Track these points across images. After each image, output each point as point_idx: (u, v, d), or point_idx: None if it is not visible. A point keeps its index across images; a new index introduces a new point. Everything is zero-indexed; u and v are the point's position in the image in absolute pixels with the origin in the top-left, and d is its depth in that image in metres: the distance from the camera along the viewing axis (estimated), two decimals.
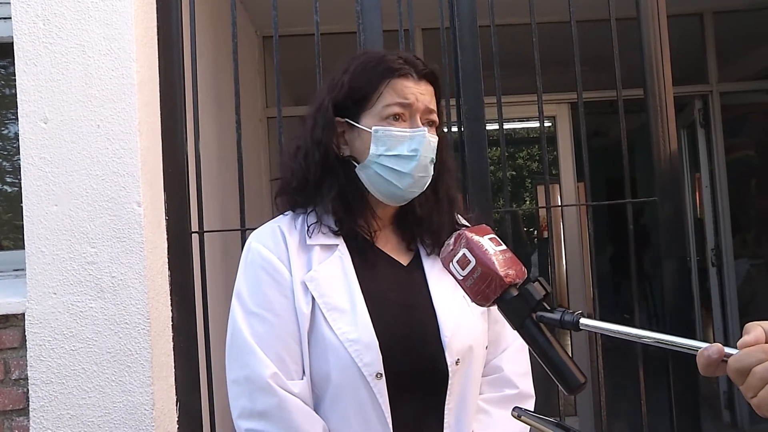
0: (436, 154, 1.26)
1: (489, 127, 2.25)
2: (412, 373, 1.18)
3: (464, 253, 0.91)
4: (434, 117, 1.27)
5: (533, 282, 0.88)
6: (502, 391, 1.30)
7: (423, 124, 1.24)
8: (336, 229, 1.24)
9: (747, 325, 0.71)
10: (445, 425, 1.20)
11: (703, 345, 0.71)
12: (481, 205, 2.16)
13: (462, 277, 0.91)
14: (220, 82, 3.16)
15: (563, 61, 2.51)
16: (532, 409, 1.34)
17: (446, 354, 1.19)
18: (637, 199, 2.36)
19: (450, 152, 1.39)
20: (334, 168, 1.25)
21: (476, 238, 0.92)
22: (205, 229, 2.14)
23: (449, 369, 1.19)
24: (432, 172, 1.26)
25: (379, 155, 1.22)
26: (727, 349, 0.70)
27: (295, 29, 3.47)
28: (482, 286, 0.89)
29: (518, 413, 0.91)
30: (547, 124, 4.56)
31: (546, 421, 0.88)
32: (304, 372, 1.17)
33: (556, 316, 0.85)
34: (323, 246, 1.23)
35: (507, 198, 2.34)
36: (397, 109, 1.22)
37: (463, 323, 1.24)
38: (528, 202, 8.56)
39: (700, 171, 4.60)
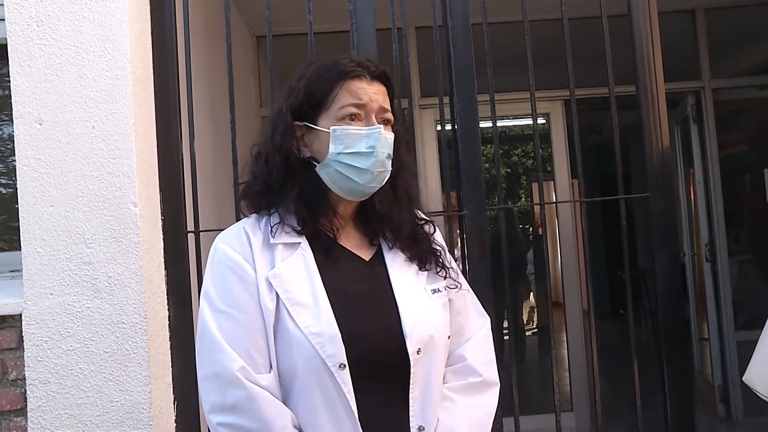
0: (394, 152, 1.32)
1: (483, 124, 2.26)
2: (375, 363, 1.23)
3: None
4: (389, 116, 1.32)
5: None
6: (467, 379, 1.35)
7: (378, 122, 1.29)
8: (299, 228, 1.29)
9: None
10: (410, 413, 1.24)
11: None
12: (476, 203, 2.17)
13: None
14: (215, 82, 3.16)
15: (556, 58, 2.52)
16: (496, 398, 1.35)
17: (407, 344, 1.24)
18: (630, 195, 2.37)
19: (407, 150, 1.44)
20: (295, 170, 1.31)
21: None
22: (200, 229, 2.15)
23: (411, 358, 1.23)
24: (390, 167, 1.31)
25: (339, 153, 1.27)
26: None
27: (289, 29, 3.48)
28: None
29: None
30: (540, 121, 4.57)
31: None
32: (271, 366, 1.22)
33: None
34: (286, 244, 1.28)
35: (501, 195, 2.35)
36: (352, 110, 1.27)
37: (424, 314, 1.28)
38: (523, 199, 8.57)
39: (694, 167, 4.62)
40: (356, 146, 1.26)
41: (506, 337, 5.77)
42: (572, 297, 4.48)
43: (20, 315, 1.95)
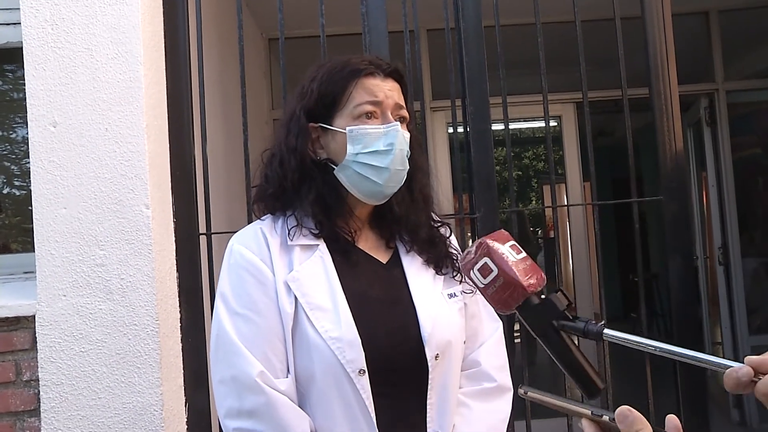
0: (409, 151, 1.30)
1: (495, 127, 2.26)
2: (394, 369, 1.21)
3: (486, 262, 0.90)
4: (404, 113, 1.30)
5: (556, 292, 0.88)
6: (481, 385, 1.33)
7: (394, 119, 1.27)
8: (316, 231, 1.27)
9: None
10: (428, 419, 1.23)
11: (733, 364, 0.69)
12: (488, 205, 2.17)
13: (483, 285, 0.90)
14: (227, 85, 3.17)
15: (568, 60, 2.51)
16: (510, 404, 1.35)
17: (426, 349, 1.22)
18: (643, 198, 2.36)
19: (421, 151, 1.42)
20: (311, 172, 1.28)
21: (497, 246, 0.91)
22: (212, 231, 2.15)
23: (429, 363, 1.22)
24: (407, 166, 1.29)
25: (357, 154, 1.25)
26: None
27: (301, 31, 3.49)
28: (504, 295, 0.88)
29: (525, 390, 0.89)
30: (552, 123, 4.56)
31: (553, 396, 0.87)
32: (288, 370, 1.20)
33: (580, 325, 0.84)
34: (304, 246, 1.26)
35: (513, 198, 2.34)
36: (368, 108, 1.25)
37: (442, 319, 1.27)
38: (534, 202, 8.55)
39: (707, 170, 4.59)
40: (374, 145, 1.24)
41: (517, 341, 5.75)
42: (584, 300, 4.46)
43: (34, 316, 1.96)
